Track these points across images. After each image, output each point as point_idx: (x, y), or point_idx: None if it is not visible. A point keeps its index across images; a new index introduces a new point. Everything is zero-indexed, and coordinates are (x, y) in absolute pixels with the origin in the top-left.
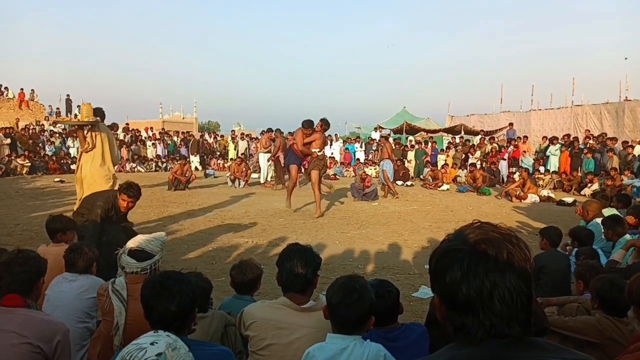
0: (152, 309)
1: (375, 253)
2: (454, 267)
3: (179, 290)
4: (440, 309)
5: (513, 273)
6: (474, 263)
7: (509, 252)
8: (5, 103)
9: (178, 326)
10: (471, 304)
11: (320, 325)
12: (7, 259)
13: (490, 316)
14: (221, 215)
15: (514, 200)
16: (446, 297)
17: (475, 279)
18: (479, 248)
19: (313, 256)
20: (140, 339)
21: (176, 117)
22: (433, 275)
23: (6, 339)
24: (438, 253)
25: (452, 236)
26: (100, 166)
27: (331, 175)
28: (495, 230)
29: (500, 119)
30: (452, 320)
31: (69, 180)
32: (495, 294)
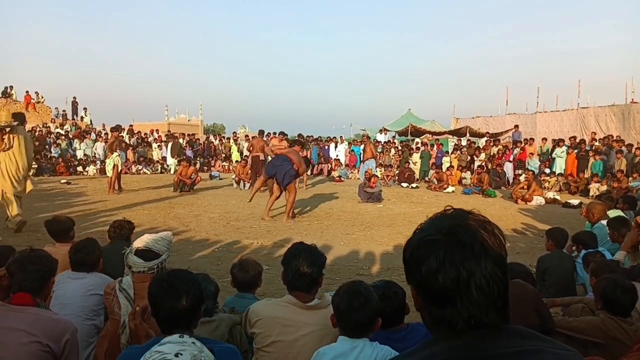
0: (160, 307)
1: (381, 254)
2: (430, 257)
3: (185, 289)
4: (417, 300)
5: (489, 260)
6: (450, 252)
7: (484, 239)
8: (12, 106)
9: (185, 323)
10: (449, 294)
11: (326, 322)
12: (20, 257)
13: (469, 306)
14: (226, 217)
15: (520, 202)
16: (423, 288)
17: (451, 268)
18: (453, 237)
19: (318, 255)
20: (164, 346)
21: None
22: (408, 267)
23: (16, 337)
24: (412, 244)
25: (424, 225)
26: (15, 164)
27: (336, 177)
28: (470, 217)
29: (505, 121)
30: (430, 313)
31: (75, 181)
32: (472, 282)
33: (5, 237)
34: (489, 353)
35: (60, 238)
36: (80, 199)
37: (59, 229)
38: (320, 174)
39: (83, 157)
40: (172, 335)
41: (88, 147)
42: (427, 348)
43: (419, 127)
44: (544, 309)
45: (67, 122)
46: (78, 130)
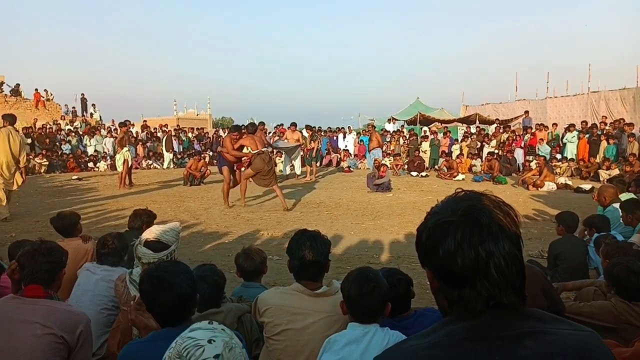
0: (154, 302)
1: (391, 243)
2: (447, 239)
3: (177, 280)
4: (433, 283)
5: (506, 240)
6: (468, 233)
7: (500, 219)
8: (22, 104)
9: (182, 316)
10: (468, 275)
11: (335, 310)
12: (30, 249)
13: (488, 286)
14: (236, 209)
15: (531, 188)
16: (440, 271)
17: (470, 249)
18: (470, 218)
19: (323, 241)
20: (196, 332)
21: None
22: (424, 250)
23: (31, 329)
24: (428, 227)
25: (438, 208)
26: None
27: (345, 167)
28: (484, 198)
29: (515, 108)
30: (448, 294)
31: (86, 178)
32: (491, 263)
33: (19, 233)
34: (507, 333)
35: (67, 233)
36: (91, 195)
37: (64, 225)
38: (330, 164)
39: (93, 153)
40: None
41: (98, 143)
42: (444, 328)
43: (427, 115)
44: (552, 291)
45: (76, 118)
46: (88, 126)
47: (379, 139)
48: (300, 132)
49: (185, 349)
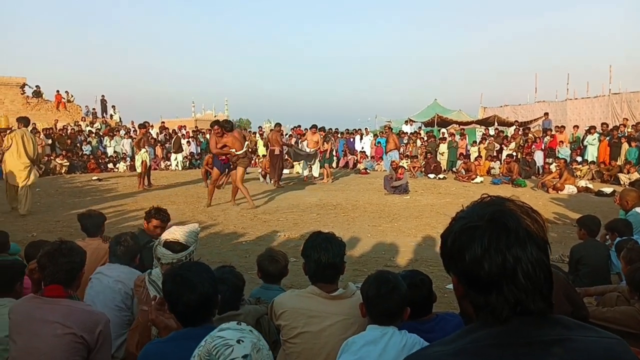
0: (177, 301)
1: (408, 246)
2: (474, 244)
3: (199, 280)
4: (458, 289)
5: (534, 246)
6: (495, 238)
7: (527, 224)
8: (43, 105)
9: (203, 316)
10: (495, 281)
11: (351, 312)
12: (51, 250)
13: (515, 292)
14: (253, 210)
15: (551, 191)
16: (466, 276)
17: (497, 254)
18: (497, 222)
19: (338, 243)
20: (225, 332)
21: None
22: (449, 256)
23: (51, 329)
24: (454, 232)
25: (464, 213)
26: (16, 160)
27: (362, 169)
28: (511, 204)
29: (535, 109)
30: (474, 299)
31: (106, 178)
32: (519, 268)
33: (40, 233)
34: (534, 340)
35: (92, 232)
36: (111, 195)
37: (91, 223)
38: (346, 166)
39: (113, 154)
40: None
41: (118, 144)
42: (469, 335)
43: (445, 117)
44: (576, 297)
45: (97, 120)
46: (108, 127)
47: (396, 141)
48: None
49: (215, 348)
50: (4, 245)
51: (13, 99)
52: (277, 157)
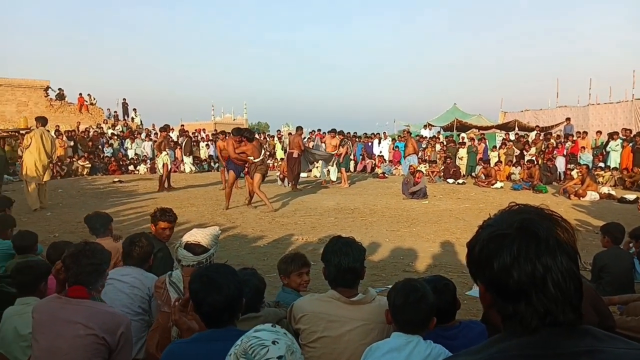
0: (203, 301)
1: (427, 251)
2: (503, 252)
3: (226, 282)
4: (485, 298)
5: (564, 255)
6: (525, 246)
7: (558, 233)
8: (66, 107)
9: (227, 317)
10: (524, 290)
11: (371, 318)
12: (75, 251)
13: (545, 302)
14: (271, 213)
15: (573, 197)
16: (494, 285)
17: (527, 263)
18: (527, 231)
19: (358, 249)
20: (261, 332)
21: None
22: (477, 264)
23: (73, 330)
24: (482, 240)
25: (492, 221)
26: (35, 158)
27: (380, 173)
28: (541, 212)
29: (556, 115)
30: (502, 309)
31: (127, 180)
32: (549, 278)
33: (61, 234)
34: (563, 351)
35: (100, 233)
36: (131, 197)
37: (99, 223)
38: (364, 170)
39: (134, 156)
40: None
41: (139, 146)
42: (495, 345)
43: (464, 121)
44: (602, 306)
45: (118, 122)
46: (129, 130)
47: (415, 145)
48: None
49: (251, 347)
50: (31, 247)
51: (37, 101)
52: (295, 160)
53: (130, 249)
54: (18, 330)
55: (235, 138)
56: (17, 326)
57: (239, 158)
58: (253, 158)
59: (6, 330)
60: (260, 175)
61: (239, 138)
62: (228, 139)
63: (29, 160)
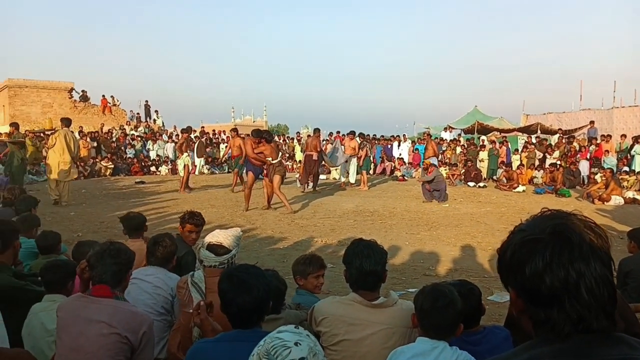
0: (232, 301)
1: (447, 255)
2: (535, 257)
3: (255, 283)
4: (516, 304)
5: (597, 261)
6: (557, 252)
7: (591, 239)
8: (90, 109)
9: (254, 319)
10: (556, 296)
11: (393, 321)
12: (100, 250)
13: (578, 308)
14: (290, 215)
15: (597, 202)
16: (526, 291)
17: (559, 269)
18: (560, 236)
19: (380, 251)
20: (283, 334)
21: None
22: (509, 269)
23: (97, 328)
24: (514, 244)
25: (524, 225)
26: (59, 157)
27: (399, 176)
28: (574, 218)
29: (579, 118)
30: (534, 314)
31: (149, 181)
32: (582, 284)
33: (85, 233)
34: (596, 359)
35: (133, 234)
36: (153, 198)
37: (133, 224)
38: (383, 173)
39: (155, 157)
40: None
41: (160, 148)
42: (527, 352)
43: (486, 124)
44: (629, 313)
45: (140, 124)
46: (151, 131)
47: (435, 148)
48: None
49: (274, 348)
50: (54, 247)
51: (61, 102)
52: (314, 163)
53: (154, 249)
54: (45, 325)
55: (254, 139)
56: (44, 321)
57: (257, 158)
58: (271, 159)
59: (33, 325)
60: (279, 176)
61: (258, 139)
62: (247, 139)
63: (53, 160)
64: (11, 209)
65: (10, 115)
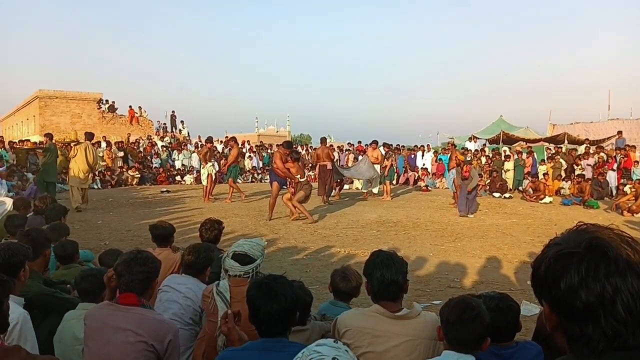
0: (259, 309)
1: (472, 267)
2: (570, 272)
3: (284, 292)
4: (550, 318)
5: (634, 276)
6: (593, 267)
7: (628, 254)
8: (117, 119)
9: (282, 327)
10: (591, 311)
11: (417, 333)
12: (127, 259)
13: (614, 324)
14: (313, 225)
15: (626, 214)
16: (561, 305)
17: (595, 283)
18: (596, 250)
19: (401, 262)
20: (322, 347)
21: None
22: (543, 283)
23: (124, 336)
24: (548, 258)
25: (558, 239)
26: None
27: (423, 186)
28: (610, 232)
29: (607, 127)
30: (568, 330)
31: (174, 190)
32: (618, 300)
33: (112, 241)
34: None
35: (161, 243)
36: (178, 206)
37: (161, 234)
38: (406, 183)
39: (181, 167)
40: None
41: (185, 157)
42: None
43: (511, 134)
44: None
45: (167, 134)
46: (177, 141)
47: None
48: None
49: None
50: (73, 255)
51: (90, 113)
52: (329, 173)
53: (187, 259)
54: (76, 334)
55: (284, 150)
56: (75, 329)
57: (287, 173)
58: (299, 177)
59: (65, 333)
60: (303, 193)
61: (288, 151)
62: (276, 151)
63: (74, 168)
64: (42, 218)
65: (40, 125)
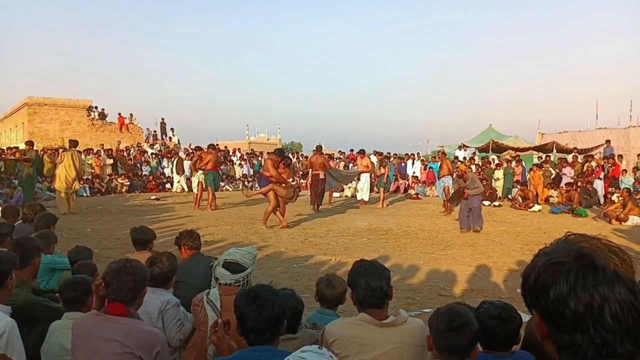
0: (247, 316)
1: (462, 275)
2: (559, 281)
3: (271, 299)
4: (540, 327)
5: (622, 286)
6: (582, 276)
7: (616, 264)
8: (107, 127)
9: (270, 335)
10: (580, 320)
11: (405, 340)
12: (116, 267)
13: (602, 333)
14: (304, 233)
15: (614, 222)
16: (550, 314)
17: (584, 293)
18: (584, 260)
19: (383, 269)
20: (307, 354)
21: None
22: (533, 292)
23: (111, 347)
24: (538, 268)
25: (548, 249)
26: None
27: (413, 194)
28: (599, 242)
29: (595, 136)
30: (558, 339)
31: (163, 198)
32: (606, 309)
33: (101, 249)
34: None
35: (140, 247)
36: (168, 214)
37: (141, 239)
38: (397, 191)
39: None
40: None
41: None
42: None
43: (500, 142)
44: None
45: (156, 141)
46: (167, 149)
47: (450, 166)
48: (368, 157)
49: None
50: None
51: (79, 120)
52: (322, 182)
53: (150, 269)
54: (63, 345)
55: (275, 158)
56: (62, 340)
57: (279, 178)
58: (291, 180)
59: (52, 344)
60: (285, 192)
61: (280, 159)
62: (268, 158)
63: (60, 174)
64: (31, 226)
65: (29, 132)
